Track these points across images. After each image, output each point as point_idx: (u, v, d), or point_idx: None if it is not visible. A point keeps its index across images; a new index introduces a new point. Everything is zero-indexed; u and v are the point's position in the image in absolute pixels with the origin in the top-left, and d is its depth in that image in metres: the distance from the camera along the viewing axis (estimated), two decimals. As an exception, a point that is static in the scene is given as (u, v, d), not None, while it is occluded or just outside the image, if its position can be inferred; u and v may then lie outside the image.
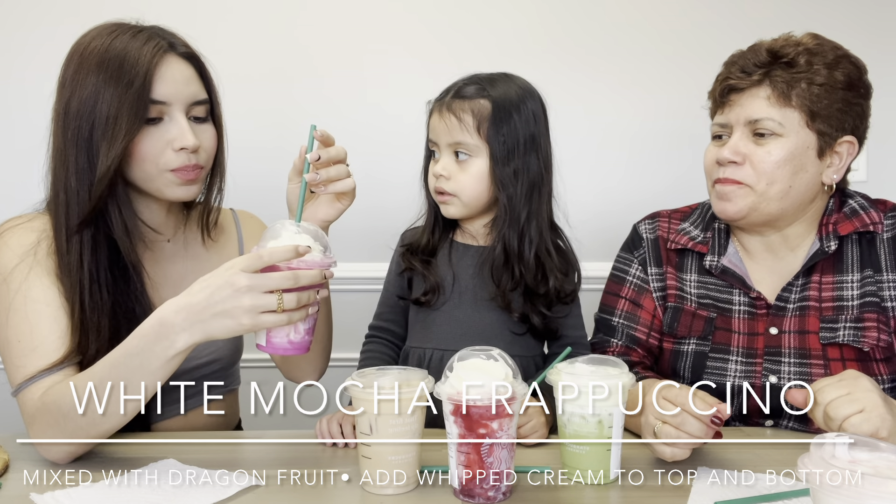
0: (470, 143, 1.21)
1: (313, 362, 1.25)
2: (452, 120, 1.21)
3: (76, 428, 0.97)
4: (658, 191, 2.07)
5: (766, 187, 1.15)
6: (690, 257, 1.28)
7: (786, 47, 1.16)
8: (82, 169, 1.07)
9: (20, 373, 1.04)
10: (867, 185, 2.03)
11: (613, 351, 1.26)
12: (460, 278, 1.26)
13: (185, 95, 1.10)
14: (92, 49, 1.07)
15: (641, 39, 2.06)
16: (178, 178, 1.11)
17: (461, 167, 1.22)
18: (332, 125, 2.08)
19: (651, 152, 2.08)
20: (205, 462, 1.01)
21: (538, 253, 1.21)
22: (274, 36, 2.04)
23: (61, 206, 1.08)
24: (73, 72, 1.08)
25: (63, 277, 1.08)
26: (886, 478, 0.65)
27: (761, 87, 1.15)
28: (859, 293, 1.17)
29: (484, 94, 1.22)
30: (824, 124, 1.14)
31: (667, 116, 2.03)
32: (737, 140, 1.17)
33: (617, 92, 2.07)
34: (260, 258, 0.92)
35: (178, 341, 0.93)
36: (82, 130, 1.06)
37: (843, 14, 2.05)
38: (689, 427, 0.93)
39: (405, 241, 1.33)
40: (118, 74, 1.05)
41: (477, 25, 2.05)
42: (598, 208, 2.07)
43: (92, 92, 1.05)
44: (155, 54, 1.07)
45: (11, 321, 1.05)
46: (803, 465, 0.70)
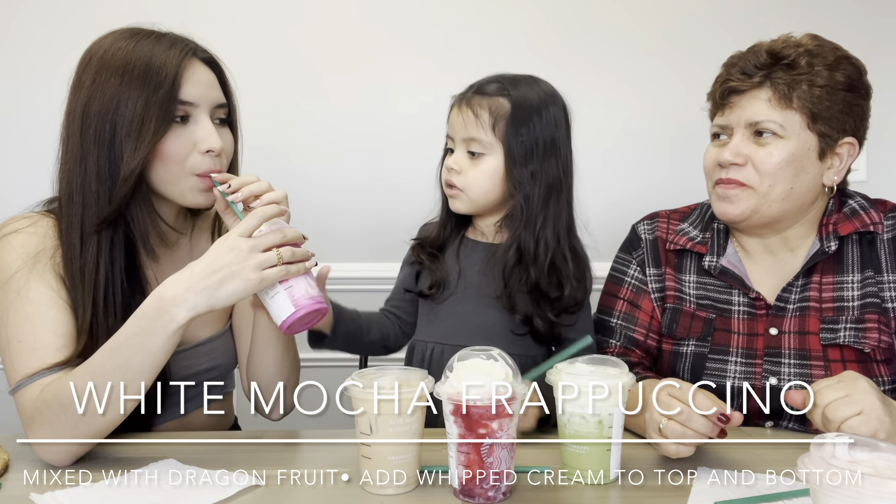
0: (484, 139, 1.21)
1: (281, 360, 1.18)
2: (469, 115, 1.22)
3: (77, 422, 0.97)
4: (658, 189, 2.08)
5: (769, 189, 1.15)
6: (689, 258, 1.27)
7: (786, 48, 1.15)
8: (103, 170, 1.06)
9: (19, 372, 1.03)
10: (867, 185, 2.03)
11: (612, 352, 1.25)
12: (466, 274, 1.26)
13: (210, 98, 1.11)
14: (114, 52, 1.07)
15: (643, 39, 2.06)
16: (202, 182, 1.11)
17: (473, 163, 1.23)
18: (334, 127, 2.10)
19: (647, 151, 2.08)
20: (205, 462, 1.01)
21: (554, 258, 1.21)
22: (276, 38, 2.04)
23: (76, 208, 1.07)
24: (94, 74, 1.07)
25: (74, 280, 1.07)
26: (886, 478, 0.65)
27: (762, 89, 1.15)
28: (860, 294, 1.16)
29: (504, 93, 1.22)
30: (825, 126, 1.14)
31: (664, 116, 2.03)
32: (738, 142, 1.17)
33: (616, 91, 2.07)
34: (255, 216, 1.00)
35: (179, 314, 0.95)
36: (104, 132, 1.05)
37: (843, 14, 2.05)
38: (695, 423, 0.93)
39: (420, 234, 1.34)
40: (144, 77, 1.05)
41: (482, 27, 2.05)
42: (599, 209, 2.07)
43: (115, 94, 1.05)
44: (182, 58, 1.08)
45: (12, 321, 1.05)
46: (803, 465, 0.70)
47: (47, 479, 0.95)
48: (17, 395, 1.03)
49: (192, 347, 1.19)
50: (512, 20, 2.05)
